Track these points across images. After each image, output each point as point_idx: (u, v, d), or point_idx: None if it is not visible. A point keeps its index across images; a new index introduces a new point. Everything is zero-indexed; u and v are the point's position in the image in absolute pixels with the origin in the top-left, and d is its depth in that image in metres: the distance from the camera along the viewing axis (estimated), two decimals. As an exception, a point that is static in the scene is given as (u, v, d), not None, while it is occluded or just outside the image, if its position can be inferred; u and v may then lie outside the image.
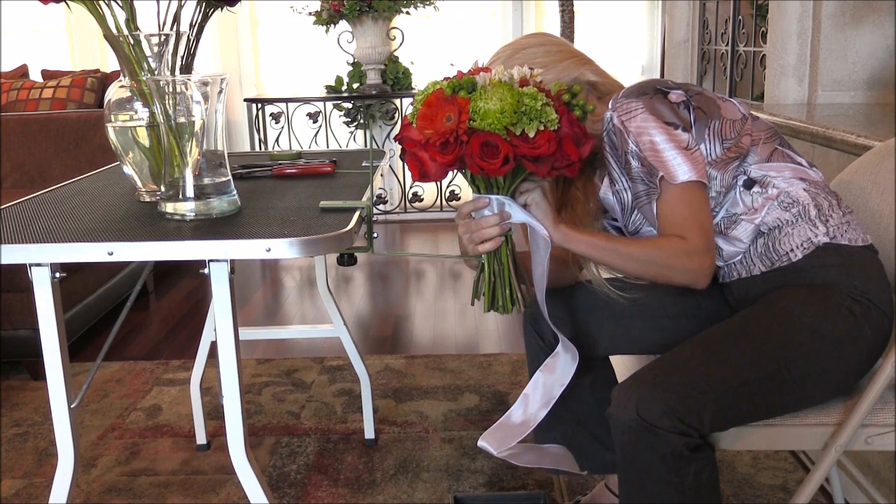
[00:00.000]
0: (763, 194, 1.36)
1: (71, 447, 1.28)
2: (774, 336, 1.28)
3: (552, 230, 1.29)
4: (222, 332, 1.21)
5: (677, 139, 1.30)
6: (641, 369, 1.28)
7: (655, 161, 1.30)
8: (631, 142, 1.32)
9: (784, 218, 1.35)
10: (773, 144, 1.39)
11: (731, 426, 1.27)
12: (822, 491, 1.82)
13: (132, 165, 1.48)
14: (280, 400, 2.48)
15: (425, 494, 1.94)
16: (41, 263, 1.18)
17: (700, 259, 1.29)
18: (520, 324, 3.02)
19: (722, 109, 1.37)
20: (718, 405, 1.22)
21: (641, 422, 1.19)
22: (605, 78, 1.45)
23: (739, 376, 1.24)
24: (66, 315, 2.69)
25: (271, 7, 4.99)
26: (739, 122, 1.37)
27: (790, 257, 1.35)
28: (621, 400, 1.22)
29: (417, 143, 1.20)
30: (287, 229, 1.20)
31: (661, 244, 1.31)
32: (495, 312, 1.32)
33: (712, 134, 1.34)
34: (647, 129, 1.31)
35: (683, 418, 1.18)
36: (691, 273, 1.30)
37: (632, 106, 1.33)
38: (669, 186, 1.30)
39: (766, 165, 1.37)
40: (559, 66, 1.41)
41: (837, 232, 1.35)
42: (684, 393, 1.20)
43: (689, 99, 1.35)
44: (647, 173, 1.32)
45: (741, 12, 3.13)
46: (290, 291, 3.65)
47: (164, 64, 1.44)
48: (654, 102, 1.32)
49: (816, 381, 1.29)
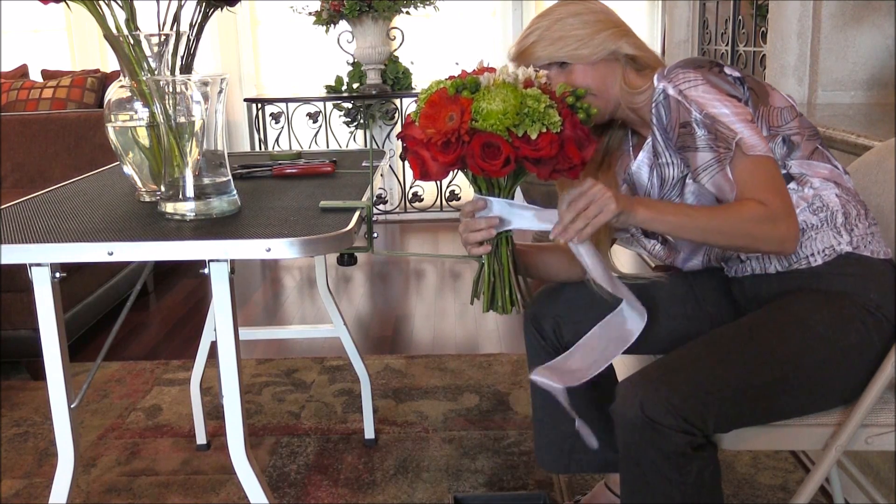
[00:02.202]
0: (798, 192, 1.34)
1: (71, 447, 1.28)
2: (785, 341, 1.27)
3: (631, 216, 1.24)
4: (222, 332, 1.21)
5: (743, 112, 1.28)
6: (648, 366, 1.27)
7: (727, 130, 1.26)
8: (694, 110, 1.28)
9: (810, 221, 1.33)
10: (815, 143, 1.37)
11: (734, 427, 1.27)
12: (822, 491, 1.81)
13: (132, 165, 1.48)
14: (280, 400, 2.48)
15: (425, 494, 1.94)
16: (41, 263, 1.18)
17: (786, 225, 1.26)
18: (520, 324, 3.02)
19: (771, 97, 1.35)
20: (723, 406, 1.22)
21: (646, 419, 1.18)
22: (645, 51, 1.41)
23: (746, 379, 1.24)
24: (66, 315, 2.69)
25: (271, 7, 4.99)
26: (787, 111, 1.35)
27: (809, 262, 1.33)
28: (626, 396, 1.22)
29: (419, 141, 1.20)
30: (287, 229, 1.20)
31: (743, 214, 1.25)
32: (494, 312, 1.32)
33: (760, 118, 1.32)
34: (710, 100, 1.27)
35: (688, 417, 1.18)
36: (778, 240, 1.26)
37: (689, 76, 1.29)
38: (743, 155, 1.27)
39: (807, 163, 1.35)
40: (596, 40, 1.37)
41: (861, 242, 1.33)
42: (690, 392, 1.20)
43: (742, 76, 1.33)
44: (715, 140, 1.27)
45: (741, 12, 3.13)
46: (290, 291, 3.65)
47: (164, 64, 1.44)
48: (711, 75, 1.29)
49: (822, 389, 1.29)
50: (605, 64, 1.38)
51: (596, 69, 1.37)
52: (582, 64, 1.37)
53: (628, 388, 1.23)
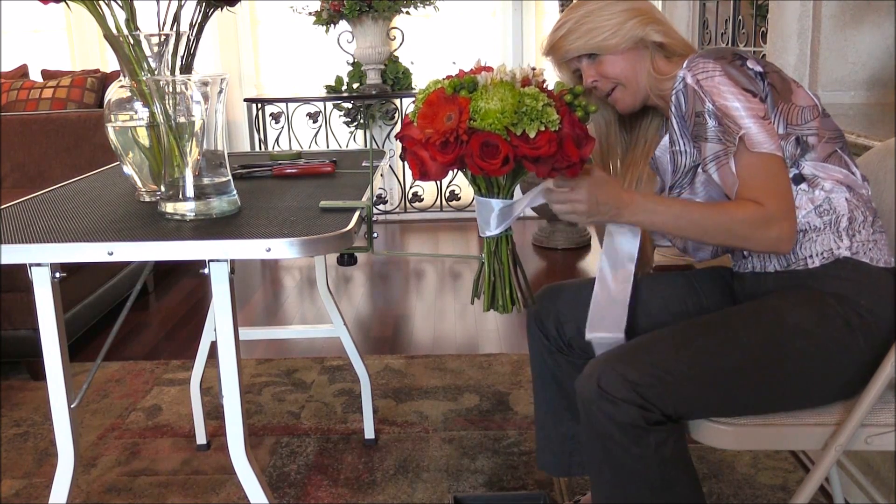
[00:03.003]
0: (808, 194, 1.33)
1: (71, 447, 1.28)
2: (754, 330, 1.28)
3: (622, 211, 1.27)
4: (222, 332, 1.21)
5: (755, 108, 1.27)
6: (616, 347, 1.31)
7: (733, 125, 1.27)
8: (708, 101, 1.29)
9: (814, 223, 1.33)
10: (835, 146, 1.35)
11: (699, 414, 1.28)
12: (822, 491, 1.81)
13: (132, 165, 1.48)
14: (280, 400, 2.48)
15: (425, 494, 1.94)
16: (41, 263, 1.18)
17: (779, 226, 1.26)
18: (520, 324, 3.02)
19: (794, 94, 1.33)
20: (682, 388, 1.23)
21: (601, 391, 1.22)
22: (673, 38, 1.41)
23: (707, 363, 1.25)
24: (66, 315, 2.69)
25: (271, 7, 4.99)
26: (809, 111, 1.33)
27: (807, 263, 1.33)
28: (587, 371, 1.26)
29: (418, 141, 1.20)
30: (287, 229, 1.20)
31: (737, 215, 1.27)
32: (495, 311, 1.32)
33: (778, 114, 1.31)
34: (723, 93, 1.28)
35: (643, 394, 1.20)
36: (771, 241, 1.28)
37: (708, 67, 1.30)
38: (747, 151, 1.27)
39: (821, 165, 1.33)
40: (623, 29, 1.38)
41: (861, 248, 1.32)
42: (647, 371, 1.22)
43: (764, 72, 1.32)
44: (723, 132, 1.28)
45: (741, 12, 3.13)
46: (290, 291, 3.65)
47: (164, 64, 1.44)
48: (731, 68, 1.29)
49: (792, 384, 1.28)
50: (633, 52, 1.39)
51: (625, 58, 1.39)
52: (611, 54, 1.39)
53: (591, 365, 1.27)
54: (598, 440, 1.25)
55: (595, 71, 1.40)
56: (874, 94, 2.44)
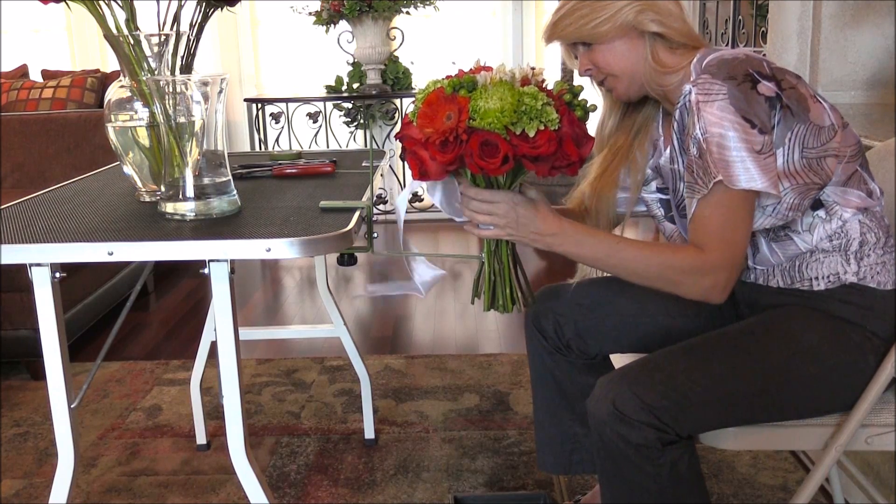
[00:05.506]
0: (825, 223, 1.28)
1: (71, 447, 1.28)
2: (770, 354, 1.27)
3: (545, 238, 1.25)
4: (222, 332, 1.21)
5: (751, 140, 1.17)
6: (628, 364, 1.28)
7: (718, 159, 1.18)
8: (699, 128, 1.19)
9: (822, 246, 1.29)
10: (855, 165, 1.29)
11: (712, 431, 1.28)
12: (822, 491, 1.81)
13: (132, 165, 1.48)
14: (280, 400, 2.48)
15: (425, 494, 1.94)
16: (41, 263, 1.18)
17: (714, 277, 1.20)
18: (520, 324, 3.02)
19: (811, 112, 1.24)
20: (698, 411, 1.22)
21: (616, 412, 1.20)
22: (672, 27, 1.29)
23: (723, 387, 1.24)
24: (66, 315, 2.69)
25: (271, 7, 4.99)
26: (826, 132, 1.24)
27: (812, 284, 1.31)
28: (602, 392, 1.23)
29: (417, 141, 1.20)
30: (287, 229, 1.20)
31: (671, 259, 1.23)
32: (495, 311, 1.32)
33: (794, 138, 1.22)
34: (721, 121, 1.17)
35: (660, 416, 1.19)
36: (702, 290, 1.22)
37: (714, 88, 1.18)
38: (723, 190, 1.19)
39: (841, 190, 1.28)
40: (615, 17, 1.28)
41: (869, 273, 1.29)
42: (664, 392, 1.20)
43: (780, 94, 1.21)
44: (702, 168, 1.20)
45: (741, 12, 3.13)
46: (290, 291, 3.65)
47: (164, 64, 1.44)
48: (740, 91, 1.18)
49: (804, 404, 1.29)
50: (627, 42, 1.29)
51: (618, 47, 1.30)
52: (603, 43, 1.30)
53: (604, 385, 1.24)
54: (611, 459, 1.24)
55: (588, 59, 1.33)
56: (874, 94, 2.44)
